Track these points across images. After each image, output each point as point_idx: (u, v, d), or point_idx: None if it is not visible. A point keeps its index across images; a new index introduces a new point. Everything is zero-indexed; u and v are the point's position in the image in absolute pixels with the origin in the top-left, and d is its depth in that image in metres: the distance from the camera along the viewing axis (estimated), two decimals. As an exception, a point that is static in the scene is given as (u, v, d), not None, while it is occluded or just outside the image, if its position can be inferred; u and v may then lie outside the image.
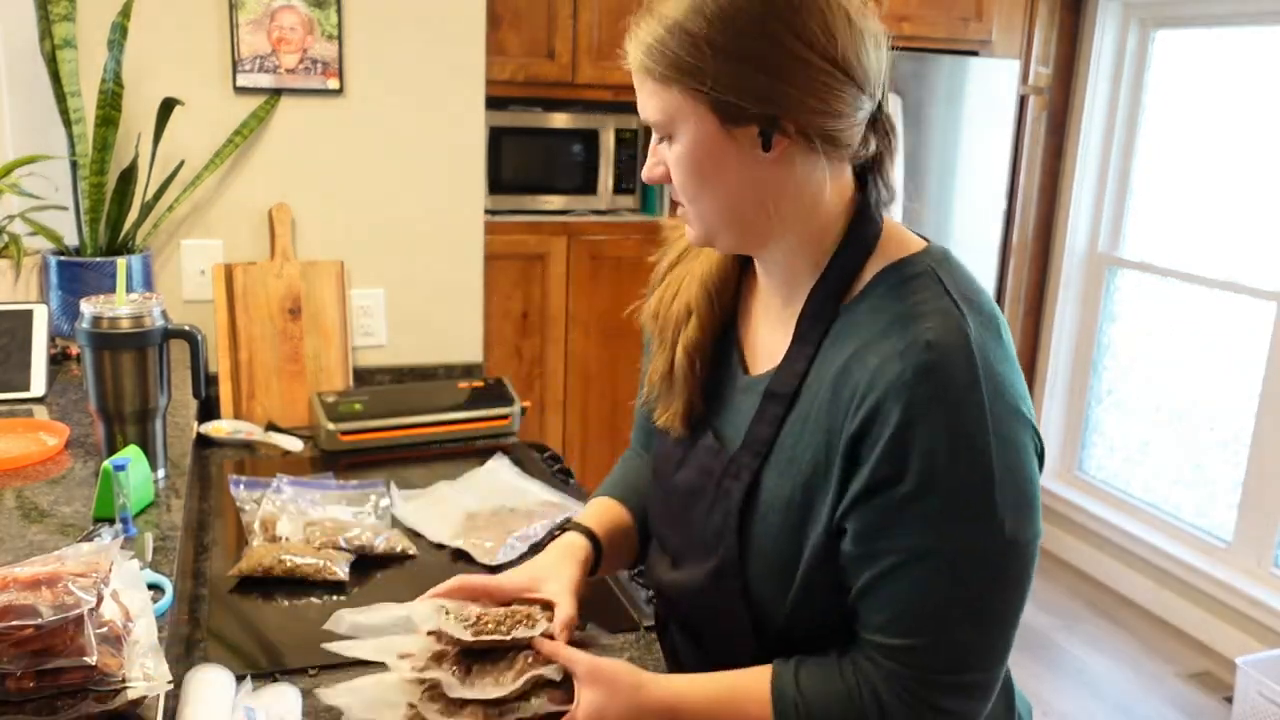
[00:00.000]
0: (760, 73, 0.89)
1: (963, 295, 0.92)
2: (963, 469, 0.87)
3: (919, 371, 0.87)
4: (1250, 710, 2.97)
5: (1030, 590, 0.93)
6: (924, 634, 0.90)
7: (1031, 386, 4.40)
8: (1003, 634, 0.92)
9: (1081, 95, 4.11)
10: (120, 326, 1.36)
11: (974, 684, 0.92)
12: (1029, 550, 0.90)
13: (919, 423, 0.86)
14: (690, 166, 0.94)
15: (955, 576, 0.89)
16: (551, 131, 3.24)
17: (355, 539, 1.53)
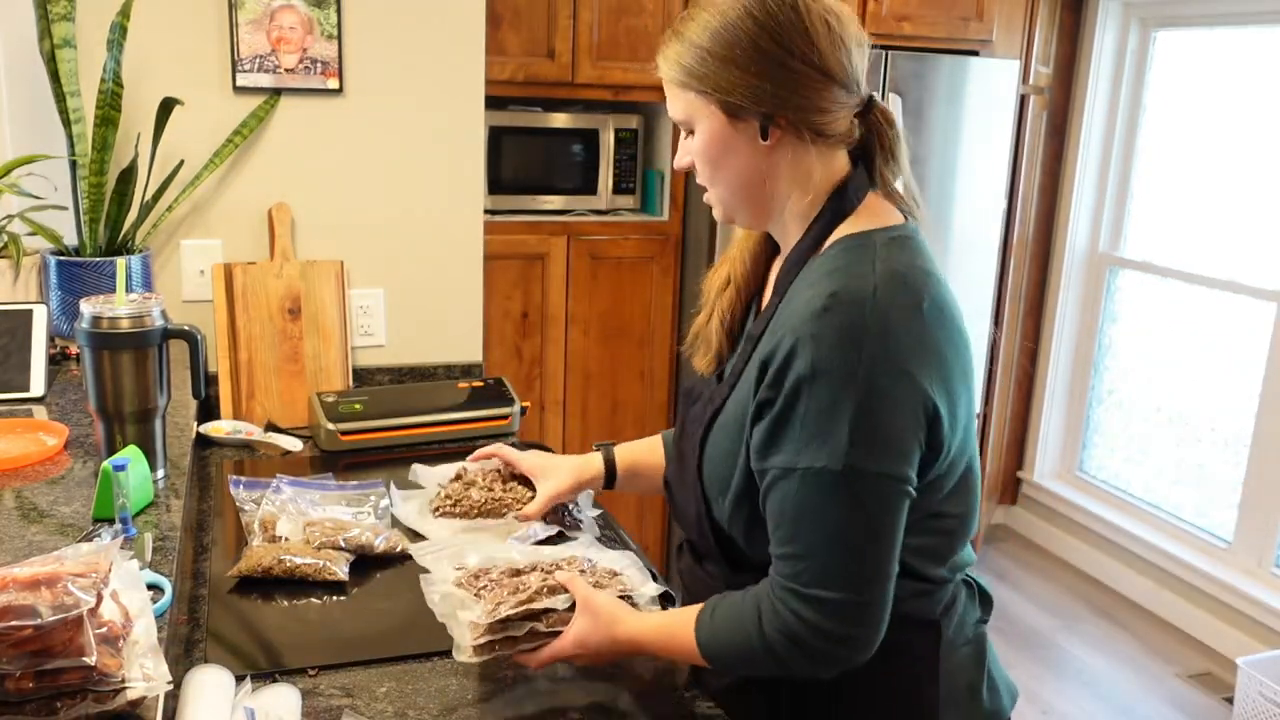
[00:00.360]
0: (755, 78, 1.10)
1: (889, 268, 1.08)
2: (819, 398, 1.03)
3: (812, 313, 1.05)
4: (1251, 711, 2.97)
5: (894, 532, 1.06)
6: (792, 543, 1.07)
7: (1031, 386, 4.40)
8: (857, 559, 1.05)
9: (1082, 95, 4.11)
10: (120, 326, 1.35)
11: (836, 602, 1.05)
12: (879, 485, 1.04)
13: (798, 355, 1.04)
14: (706, 154, 1.16)
15: (808, 493, 1.05)
16: (551, 131, 3.24)
17: (355, 539, 1.53)
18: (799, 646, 1.07)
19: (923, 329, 1.06)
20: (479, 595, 1.22)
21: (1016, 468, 4.49)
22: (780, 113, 1.10)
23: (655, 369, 3.38)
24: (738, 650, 1.12)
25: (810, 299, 1.07)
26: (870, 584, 1.06)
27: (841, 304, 1.04)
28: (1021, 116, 3.70)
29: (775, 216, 1.19)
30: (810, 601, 1.06)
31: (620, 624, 1.18)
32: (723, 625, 1.13)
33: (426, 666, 1.28)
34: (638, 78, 3.15)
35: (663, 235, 3.31)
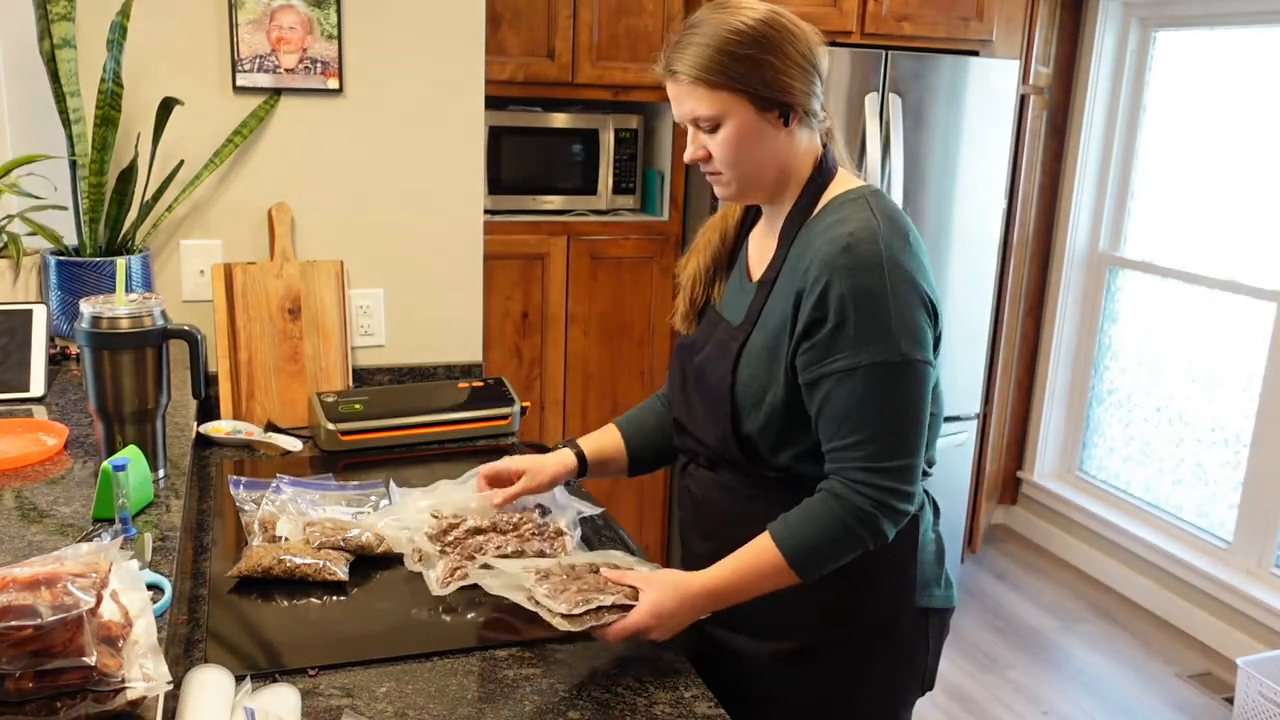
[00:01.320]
0: (780, 76, 1.33)
1: (883, 212, 1.34)
2: (865, 310, 1.28)
3: (838, 250, 1.30)
4: (1251, 711, 2.97)
5: (928, 401, 1.33)
6: (862, 429, 1.29)
7: (1031, 386, 4.40)
8: (912, 428, 1.31)
9: (1082, 95, 4.11)
10: (120, 326, 1.35)
11: (903, 467, 1.31)
12: (923, 369, 1.31)
13: (835, 282, 1.28)
14: (736, 144, 1.34)
15: (873, 383, 1.29)
16: (551, 131, 3.24)
17: (355, 539, 1.53)
18: (887, 512, 1.30)
19: (914, 252, 1.33)
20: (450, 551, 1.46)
21: (1016, 468, 4.49)
22: (798, 103, 1.34)
23: (655, 369, 3.38)
24: (829, 541, 1.30)
25: (832, 239, 1.31)
26: (920, 449, 1.32)
27: (860, 240, 1.29)
28: (1021, 116, 3.70)
29: (779, 190, 1.41)
30: (888, 472, 1.29)
31: (689, 581, 1.32)
32: (804, 528, 1.31)
33: (426, 666, 1.28)
34: (638, 78, 3.15)
35: (662, 235, 3.31)
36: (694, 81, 1.33)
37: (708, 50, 1.31)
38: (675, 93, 1.36)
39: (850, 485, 1.31)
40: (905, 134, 3.24)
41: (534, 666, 1.29)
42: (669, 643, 1.36)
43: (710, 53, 1.31)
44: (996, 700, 3.20)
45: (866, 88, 3.18)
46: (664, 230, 3.31)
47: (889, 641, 1.45)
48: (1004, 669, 3.38)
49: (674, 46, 1.35)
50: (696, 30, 1.34)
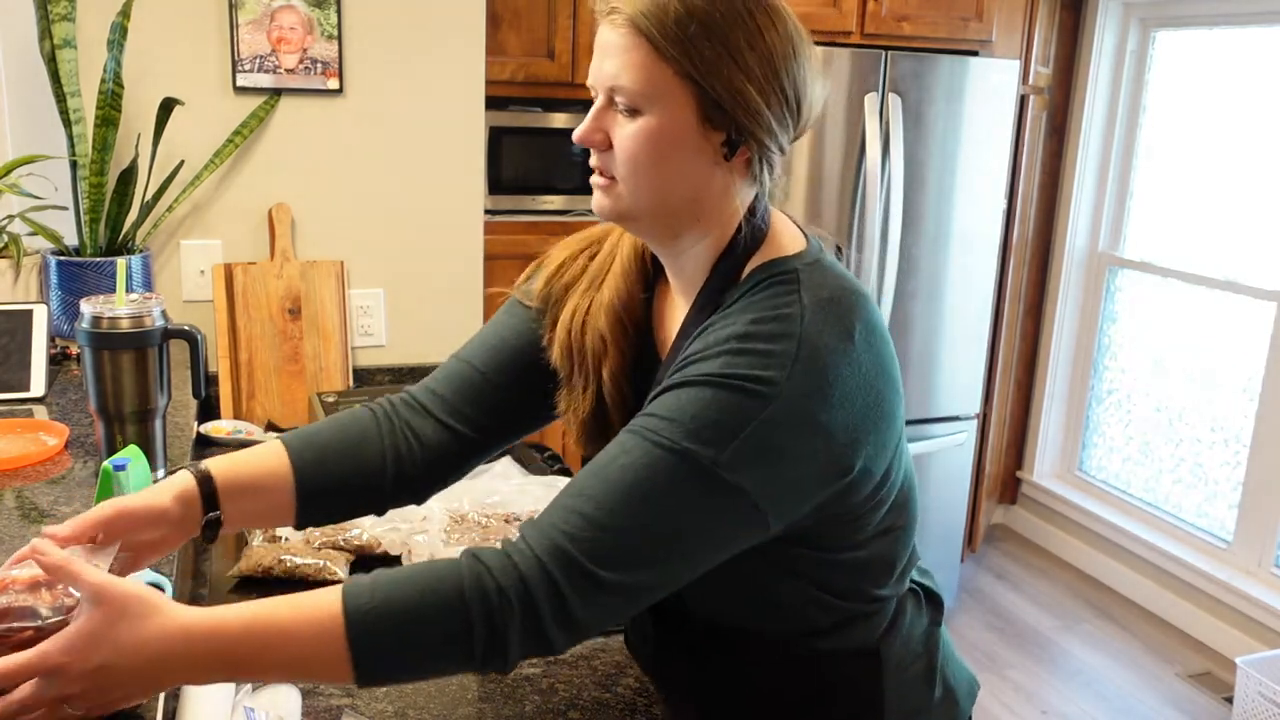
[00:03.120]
0: (754, 91, 0.94)
1: (816, 298, 0.95)
2: (729, 398, 0.90)
3: (733, 335, 0.93)
4: (1250, 710, 2.97)
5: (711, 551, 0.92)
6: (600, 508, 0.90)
7: (1031, 386, 4.40)
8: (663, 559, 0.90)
9: (1081, 95, 4.11)
10: (120, 327, 1.35)
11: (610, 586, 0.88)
12: (742, 505, 0.90)
13: (715, 358, 0.92)
14: (651, 145, 0.96)
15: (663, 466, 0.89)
16: (551, 131, 3.24)
17: (355, 539, 1.53)
18: (525, 614, 0.86)
19: (853, 361, 0.93)
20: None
21: (1016, 467, 4.49)
22: (756, 138, 0.96)
23: (655, 369, 3.37)
24: (422, 613, 0.85)
25: (729, 324, 0.94)
26: (644, 585, 0.90)
27: (766, 335, 0.91)
28: (1021, 116, 3.70)
29: (682, 240, 1.02)
30: (577, 571, 0.87)
31: (163, 613, 0.83)
32: (402, 582, 0.87)
33: (426, 666, 1.28)
34: (638, 78, 3.14)
35: (663, 235, 3.31)
36: (637, 34, 0.93)
37: (675, 5, 0.92)
38: (604, 40, 0.96)
39: (526, 552, 0.88)
40: (905, 134, 3.24)
41: (534, 667, 1.29)
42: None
43: (677, 6, 0.92)
44: (996, 700, 3.20)
45: (866, 88, 3.18)
46: (664, 230, 3.31)
47: None
48: (1003, 669, 3.39)
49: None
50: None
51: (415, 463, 1.14)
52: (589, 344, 1.09)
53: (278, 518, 1.10)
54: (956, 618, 3.67)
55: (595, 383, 1.09)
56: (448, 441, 1.15)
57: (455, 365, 1.19)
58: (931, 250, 3.35)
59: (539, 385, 1.16)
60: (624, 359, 1.08)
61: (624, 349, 1.08)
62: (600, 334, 1.08)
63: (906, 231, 3.26)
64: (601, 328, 1.08)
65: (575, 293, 1.13)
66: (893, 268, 3.22)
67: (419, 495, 1.18)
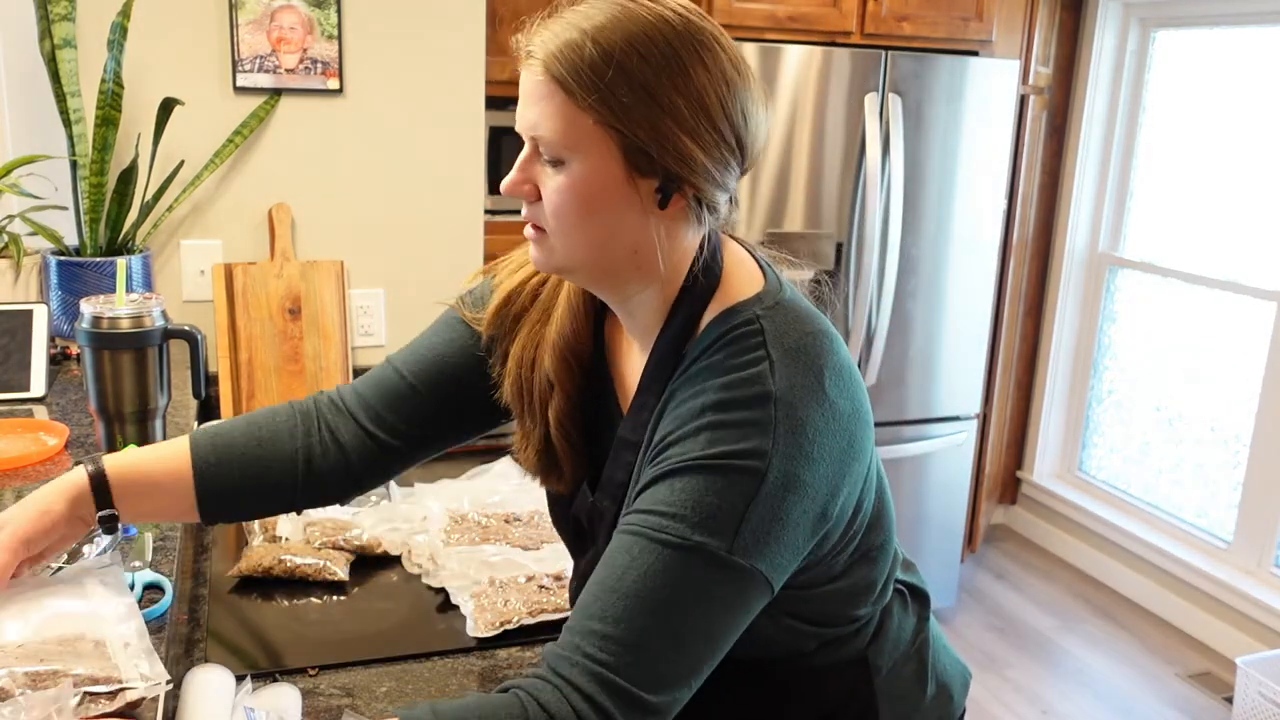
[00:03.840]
0: (684, 135, 0.87)
1: (783, 347, 0.91)
2: (723, 479, 0.87)
3: (706, 407, 0.89)
4: (1251, 710, 2.97)
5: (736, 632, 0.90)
6: (624, 624, 0.87)
7: (1031, 386, 4.40)
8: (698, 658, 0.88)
9: (1081, 95, 4.11)
10: (120, 326, 1.36)
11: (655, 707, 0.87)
12: (756, 586, 0.88)
13: (698, 436, 0.88)
14: (577, 199, 0.91)
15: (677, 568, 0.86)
16: (551, 131, 3.23)
17: (355, 539, 1.53)
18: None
19: (827, 410, 0.90)
20: None
21: (1016, 468, 4.49)
22: (692, 181, 0.89)
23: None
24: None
25: (699, 391, 0.91)
26: (690, 684, 0.88)
27: (741, 402, 0.88)
28: (1021, 116, 3.70)
29: (628, 289, 0.97)
30: (625, 698, 0.85)
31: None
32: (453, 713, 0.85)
33: (426, 666, 1.28)
34: (638, 78, 3.14)
35: (663, 235, 3.30)
36: (553, 83, 0.90)
37: (590, 47, 0.86)
38: (524, 88, 0.94)
39: (569, 690, 0.85)
40: (905, 134, 3.24)
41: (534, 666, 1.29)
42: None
43: (593, 53, 0.86)
44: (996, 700, 3.20)
45: (866, 88, 3.18)
46: (664, 230, 3.30)
47: None
48: (1003, 669, 3.39)
49: (547, 19, 0.93)
50: (587, 8, 0.90)
51: (331, 465, 1.10)
52: (536, 383, 1.05)
53: (178, 515, 1.09)
54: (956, 618, 3.68)
55: (543, 424, 1.06)
56: (369, 447, 1.12)
57: (385, 372, 1.14)
58: (931, 250, 3.35)
59: (468, 404, 1.12)
60: (570, 401, 1.04)
61: (570, 391, 1.04)
62: (546, 375, 1.04)
63: (906, 231, 3.27)
64: (547, 368, 1.04)
65: (526, 324, 1.08)
66: (893, 268, 3.22)
67: (334, 497, 1.14)
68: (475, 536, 1.56)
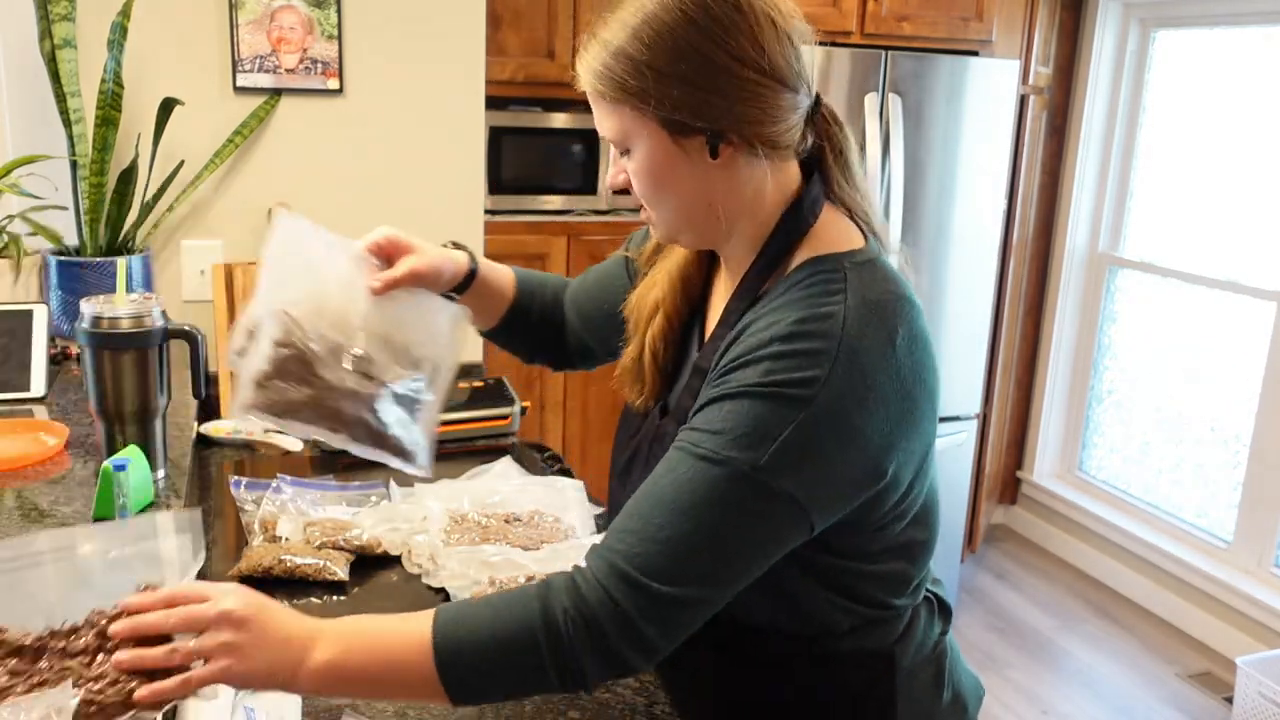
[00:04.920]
0: (699, 90, 0.96)
1: (862, 297, 0.96)
2: (767, 405, 0.92)
3: (775, 337, 0.94)
4: (1251, 710, 2.97)
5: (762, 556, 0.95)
6: (648, 521, 0.94)
7: (1031, 386, 4.40)
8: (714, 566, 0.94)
9: (1081, 95, 4.11)
10: (120, 327, 1.35)
11: (669, 601, 0.92)
12: (783, 508, 0.93)
13: (756, 364, 0.94)
14: (647, 176, 1.02)
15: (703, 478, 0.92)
16: (551, 131, 3.24)
17: (355, 539, 1.53)
18: (594, 636, 0.92)
19: (893, 365, 0.95)
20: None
21: (1016, 468, 4.49)
22: (732, 128, 0.97)
23: (655, 369, 3.37)
24: (499, 640, 0.92)
25: (772, 323, 0.96)
26: (705, 596, 0.94)
27: (807, 333, 0.93)
28: (1021, 116, 3.70)
29: (725, 239, 1.07)
30: (638, 590, 0.91)
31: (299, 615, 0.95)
32: (482, 610, 0.95)
33: (427, 666, 1.28)
34: (638, 78, 3.14)
35: (663, 235, 3.31)
36: (592, 92, 1.02)
37: (606, 53, 0.99)
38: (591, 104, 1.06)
39: (579, 578, 0.94)
40: (905, 134, 3.24)
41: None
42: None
43: (608, 56, 0.98)
44: (996, 700, 3.20)
45: (866, 88, 3.18)
46: (664, 230, 3.31)
47: None
48: (1004, 669, 3.39)
49: (583, 40, 1.04)
50: (609, 19, 1.01)
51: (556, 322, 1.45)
52: (648, 303, 1.18)
53: (487, 318, 1.39)
54: (957, 618, 3.66)
55: (641, 340, 1.17)
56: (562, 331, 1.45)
57: (573, 283, 1.47)
58: (931, 250, 3.35)
59: (610, 322, 1.28)
60: (668, 323, 1.15)
61: (669, 314, 1.15)
62: (657, 299, 1.17)
63: (906, 231, 3.26)
64: (659, 293, 1.17)
65: (661, 259, 1.22)
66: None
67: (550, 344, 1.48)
68: (475, 536, 1.55)
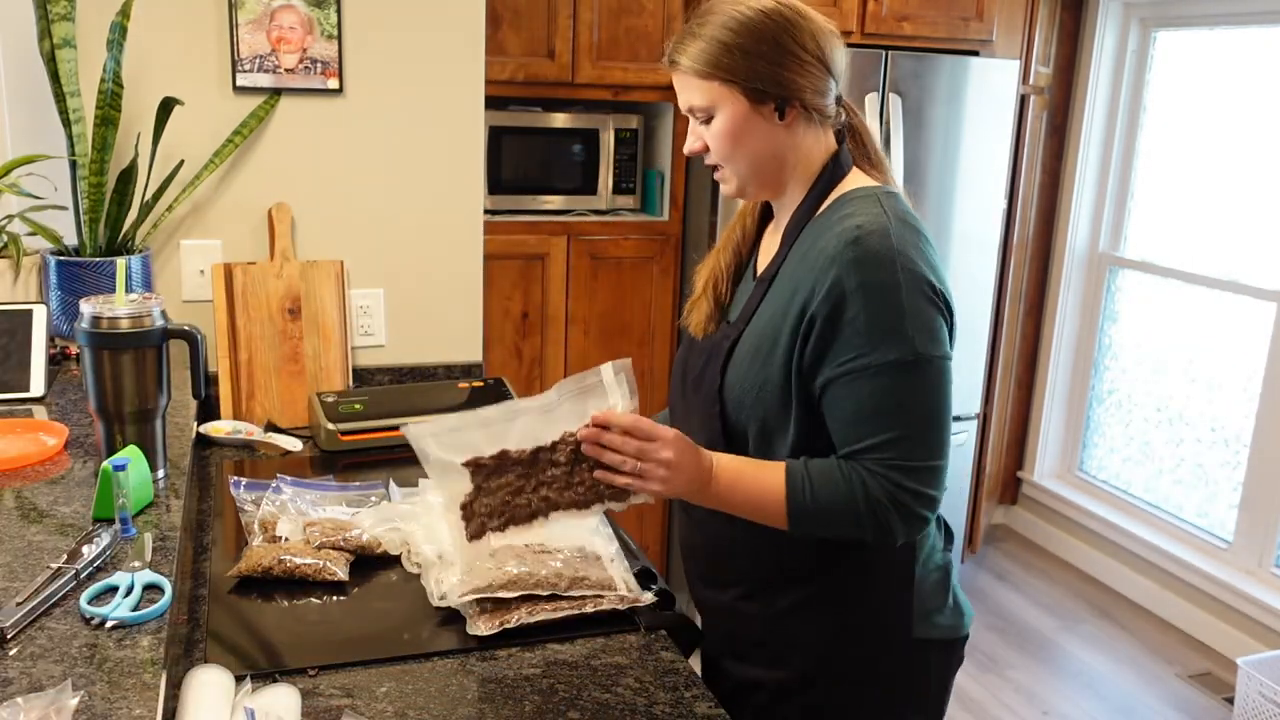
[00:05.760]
0: (774, 66, 1.31)
1: (893, 210, 1.31)
2: (877, 306, 1.24)
3: (847, 244, 1.27)
4: (1251, 711, 2.97)
5: (951, 401, 1.28)
6: (879, 433, 1.26)
7: (1031, 386, 4.40)
8: (936, 429, 1.27)
9: (1082, 95, 4.11)
10: (120, 327, 1.35)
11: (927, 469, 1.26)
12: (941, 365, 1.27)
13: (844, 277, 1.25)
14: (729, 135, 1.34)
15: (889, 383, 1.25)
16: (551, 131, 3.24)
17: (355, 539, 1.53)
18: (901, 510, 1.26)
19: (926, 249, 1.30)
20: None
21: (1016, 468, 4.49)
22: (795, 96, 1.32)
23: (655, 369, 3.38)
24: (836, 509, 1.27)
25: (839, 234, 1.28)
26: (946, 450, 1.28)
27: (869, 234, 1.26)
28: (1021, 116, 3.70)
29: (783, 189, 1.39)
30: (912, 472, 1.25)
31: (706, 454, 1.32)
32: (821, 485, 1.28)
33: (426, 666, 1.28)
34: (637, 78, 3.15)
35: (663, 235, 3.31)
36: (689, 72, 1.33)
37: (704, 42, 1.32)
38: (676, 83, 1.37)
39: (874, 477, 1.26)
40: (905, 134, 3.24)
41: (534, 667, 1.29)
42: (668, 644, 1.36)
43: (703, 44, 1.32)
44: (996, 700, 3.20)
45: (866, 88, 3.18)
46: (664, 230, 3.31)
47: (880, 673, 1.41)
48: (1004, 669, 3.39)
49: (678, 36, 1.36)
50: (699, 20, 1.34)
51: None
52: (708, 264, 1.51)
53: None
54: (957, 618, 3.67)
55: (706, 282, 1.48)
56: None
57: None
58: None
59: None
60: (726, 272, 1.47)
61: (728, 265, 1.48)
62: (715, 261, 1.50)
63: (907, 231, 3.26)
64: (718, 258, 1.49)
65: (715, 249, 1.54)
66: (893, 268, 3.22)
67: None
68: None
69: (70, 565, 1.13)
